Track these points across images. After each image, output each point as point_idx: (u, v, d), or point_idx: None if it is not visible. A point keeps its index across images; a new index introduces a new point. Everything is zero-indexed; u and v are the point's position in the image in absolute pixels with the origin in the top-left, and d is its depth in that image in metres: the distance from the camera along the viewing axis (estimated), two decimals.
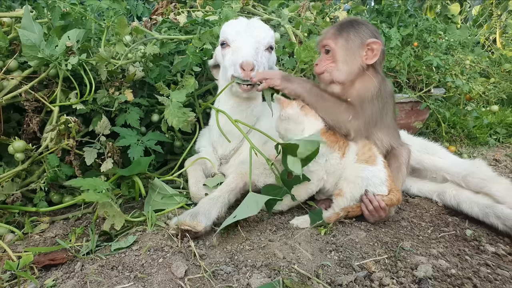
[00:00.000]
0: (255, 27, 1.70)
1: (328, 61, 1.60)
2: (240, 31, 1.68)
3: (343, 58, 1.58)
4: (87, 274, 1.16)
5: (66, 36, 1.76)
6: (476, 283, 1.12)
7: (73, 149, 1.75)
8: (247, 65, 1.53)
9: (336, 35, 1.59)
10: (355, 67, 1.58)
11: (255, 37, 1.67)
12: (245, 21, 1.74)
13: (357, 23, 1.61)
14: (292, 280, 1.11)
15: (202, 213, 1.37)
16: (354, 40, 1.56)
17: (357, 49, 1.57)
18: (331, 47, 1.59)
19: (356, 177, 1.49)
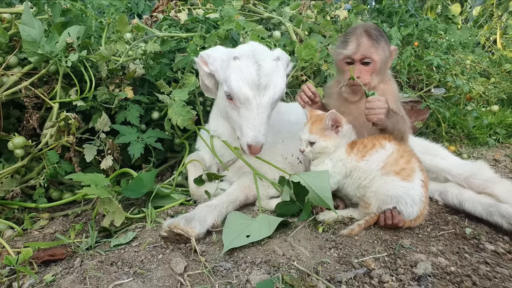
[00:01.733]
0: (267, 88, 1.44)
1: (368, 73, 1.60)
2: (249, 97, 1.42)
3: (381, 68, 1.62)
4: (87, 269, 1.16)
5: (67, 33, 1.76)
6: (475, 281, 1.12)
7: (73, 146, 1.75)
8: (255, 149, 1.44)
9: (376, 46, 1.58)
10: (384, 74, 1.66)
11: (266, 104, 1.45)
12: (255, 75, 1.42)
13: (381, 31, 1.64)
14: (292, 276, 1.11)
15: (197, 219, 1.33)
16: (387, 50, 1.62)
17: (388, 58, 1.64)
18: (374, 60, 1.58)
19: (386, 195, 1.38)
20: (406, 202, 1.37)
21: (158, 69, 1.96)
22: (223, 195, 1.51)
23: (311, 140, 1.51)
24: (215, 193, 1.60)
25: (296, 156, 1.78)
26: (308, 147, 1.53)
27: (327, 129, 1.50)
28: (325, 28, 2.43)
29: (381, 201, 1.38)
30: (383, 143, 1.46)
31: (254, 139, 1.42)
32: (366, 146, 1.48)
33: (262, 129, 1.43)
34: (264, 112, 1.45)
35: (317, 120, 1.53)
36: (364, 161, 1.45)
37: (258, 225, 1.33)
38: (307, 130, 1.53)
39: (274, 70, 1.46)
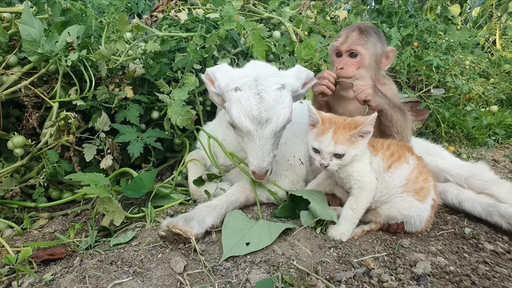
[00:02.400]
0: (268, 122, 1.39)
1: (354, 66, 1.59)
2: (251, 131, 1.39)
3: (370, 64, 1.59)
4: (86, 269, 1.16)
5: (67, 32, 1.76)
6: (474, 280, 1.12)
7: (72, 145, 1.75)
8: (259, 175, 1.45)
9: (366, 41, 1.58)
10: (375, 73, 1.63)
11: (269, 135, 1.41)
12: (256, 110, 1.38)
13: (377, 30, 1.64)
14: (291, 276, 1.11)
15: (196, 219, 1.32)
16: (380, 48, 1.60)
17: (380, 57, 1.62)
18: (361, 53, 1.57)
19: (399, 213, 1.34)
20: (414, 222, 1.37)
21: (158, 68, 1.96)
22: (224, 196, 1.51)
23: (339, 152, 1.29)
24: (215, 193, 1.60)
25: (298, 157, 1.77)
26: (334, 161, 1.31)
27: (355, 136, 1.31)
28: (324, 28, 2.43)
29: (392, 217, 1.36)
30: (407, 155, 1.38)
31: (257, 167, 1.43)
32: (393, 155, 1.37)
33: (266, 158, 1.42)
34: (267, 143, 1.42)
35: (340, 127, 1.31)
36: (389, 173, 1.35)
37: (258, 231, 1.31)
38: (329, 140, 1.29)
39: (277, 102, 1.40)
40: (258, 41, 1.81)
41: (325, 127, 1.31)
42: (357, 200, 1.35)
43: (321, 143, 1.30)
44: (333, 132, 1.29)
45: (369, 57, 1.57)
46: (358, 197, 1.35)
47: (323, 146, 1.30)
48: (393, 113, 1.53)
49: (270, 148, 1.43)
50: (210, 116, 2.13)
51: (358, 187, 1.35)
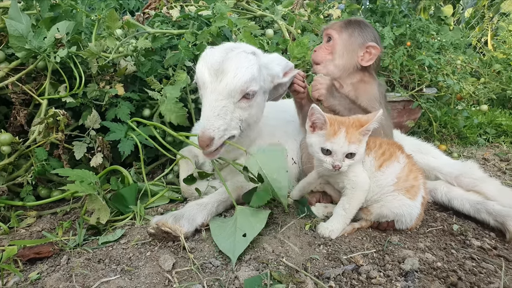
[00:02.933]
0: (224, 73, 1.34)
1: (326, 51, 1.61)
2: (206, 82, 1.36)
3: (341, 52, 1.60)
4: (73, 267, 1.15)
5: (55, 28, 1.74)
6: (461, 276, 1.13)
7: (62, 143, 1.73)
8: (202, 141, 1.32)
9: (342, 28, 1.61)
10: (349, 65, 1.61)
11: (221, 92, 1.34)
12: (217, 61, 1.36)
13: (364, 24, 1.65)
14: (280, 273, 1.10)
15: (186, 217, 1.30)
16: (357, 38, 1.59)
17: (357, 48, 1.60)
18: (334, 37, 1.61)
19: (390, 211, 1.34)
20: (405, 220, 1.37)
21: (149, 66, 1.95)
22: (215, 194, 1.49)
23: (353, 151, 1.27)
24: (206, 191, 1.59)
25: (291, 157, 1.77)
26: (346, 161, 1.28)
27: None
28: (318, 26, 2.43)
29: (384, 215, 1.36)
30: (397, 154, 1.38)
31: (201, 129, 1.33)
32: (384, 154, 1.37)
33: (214, 121, 1.32)
34: (220, 103, 1.34)
35: (349, 126, 1.29)
36: (380, 172, 1.35)
37: (245, 220, 1.30)
38: (343, 140, 1.26)
39: (239, 60, 1.37)
40: (248, 39, 1.81)
41: (335, 128, 1.28)
42: (350, 200, 1.35)
43: (335, 144, 1.27)
44: (346, 132, 1.27)
45: (341, 43, 1.58)
46: (351, 198, 1.35)
47: (336, 147, 1.27)
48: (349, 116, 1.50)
49: (223, 112, 1.34)
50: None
51: (352, 187, 1.35)
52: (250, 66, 1.39)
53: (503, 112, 3.62)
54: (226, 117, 1.36)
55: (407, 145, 1.76)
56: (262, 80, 1.48)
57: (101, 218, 1.43)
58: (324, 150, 1.30)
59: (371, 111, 1.54)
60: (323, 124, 1.30)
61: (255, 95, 1.44)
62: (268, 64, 1.51)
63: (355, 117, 1.36)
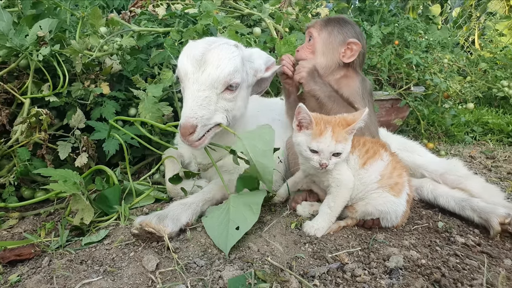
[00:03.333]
0: (207, 64, 1.35)
1: (308, 50, 1.62)
2: (188, 72, 1.36)
3: (322, 50, 1.61)
4: (54, 269, 1.13)
5: (38, 26, 1.72)
6: (444, 272, 1.13)
7: (45, 143, 1.71)
8: (184, 129, 1.30)
9: (322, 26, 1.62)
10: (331, 63, 1.61)
11: (203, 82, 1.34)
12: (200, 52, 1.37)
13: (344, 21, 1.65)
14: (265, 272, 1.10)
15: (171, 217, 1.28)
16: (336, 35, 1.60)
17: (337, 45, 1.60)
18: (314, 36, 1.62)
19: (375, 209, 1.34)
20: (390, 217, 1.37)
21: (134, 64, 1.93)
22: (200, 193, 1.48)
23: (340, 150, 1.27)
24: (192, 190, 1.57)
25: (277, 155, 1.76)
26: (332, 159, 1.28)
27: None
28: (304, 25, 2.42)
29: (369, 213, 1.36)
30: (381, 152, 1.39)
31: (183, 118, 1.31)
32: (368, 152, 1.38)
33: (197, 111, 1.31)
34: (202, 93, 1.33)
35: (336, 125, 1.28)
36: (364, 170, 1.36)
37: (237, 211, 1.29)
38: (329, 140, 1.26)
39: (222, 51, 1.37)
40: (233, 37, 1.79)
41: (321, 127, 1.28)
42: (335, 198, 1.35)
43: (321, 143, 1.27)
44: (332, 131, 1.27)
45: (321, 42, 1.59)
46: (336, 196, 1.35)
47: (323, 146, 1.27)
48: (329, 103, 1.50)
49: (206, 102, 1.33)
50: None
51: (336, 186, 1.35)
52: (233, 58, 1.39)
53: (490, 110, 3.67)
54: (209, 107, 1.35)
55: (393, 143, 1.77)
56: (245, 73, 1.48)
57: (85, 219, 1.41)
58: (311, 149, 1.30)
59: (353, 103, 1.55)
60: (309, 124, 1.30)
61: (238, 87, 1.43)
62: (250, 57, 1.52)
63: (341, 116, 1.36)
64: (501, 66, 3.24)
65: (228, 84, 1.38)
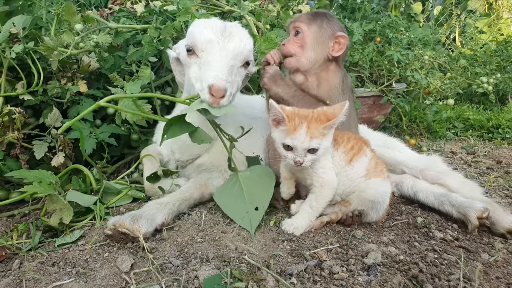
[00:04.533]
0: (232, 35, 1.37)
1: (296, 44, 1.59)
2: (213, 40, 1.35)
3: (312, 44, 1.58)
4: (25, 271, 1.09)
5: (11, 23, 1.67)
6: (422, 268, 1.14)
7: (19, 142, 1.66)
8: (218, 91, 1.24)
9: (310, 20, 1.59)
10: (320, 57, 1.59)
11: (231, 51, 1.36)
12: (220, 25, 1.39)
13: (330, 16, 1.64)
14: (241, 270, 1.08)
15: (145, 217, 1.25)
16: (326, 29, 1.58)
17: (327, 39, 1.58)
18: (303, 30, 1.58)
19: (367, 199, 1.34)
20: (379, 207, 1.38)
21: (112, 62, 1.89)
22: (177, 192, 1.45)
23: (314, 146, 1.23)
24: (170, 189, 1.55)
25: (258, 153, 1.75)
26: (308, 156, 1.25)
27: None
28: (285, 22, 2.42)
29: (361, 204, 1.36)
30: (364, 148, 1.40)
31: (215, 78, 1.25)
32: (353, 149, 1.37)
33: (227, 74, 1.28)
34: (230, 60, 1.33)
35: (312, 120, 1.25)
36: (351, 166, 1.35)
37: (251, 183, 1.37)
38: (303, 136, 1.22)
39: (241, 28, 1.43)
40: None
41: (295, 123, 1.24)
42: (317, 198, 1.34)
43: (295, 140, 1.23)
44: (307, 127, 1.22)
45: (311, 35, 1.57)
46: (318, 195, 1.34)
47: (297, 143, 1.23)
48: (295, 103, 1.49)
49: (231, 70, 1.32)
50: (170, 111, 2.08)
51: (320, 186, 1.33)
52: (250, 37, 1.46)
53: (471, 106, 3.73)
54: (232, 76, 1.34)
55: (373, 140, 1.77)
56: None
57: (64, 218, 1.37)
58: (285, 145, 1.27)
59: (324, 100, 1.53)
60: (283, 120, 1.27)
61: (249, 66, 1.48)
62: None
63: (320, 110, 1.32)
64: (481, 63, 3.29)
65: (246, 60, 1.42)
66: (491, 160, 2.44)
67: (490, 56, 3.44)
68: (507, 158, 2.46)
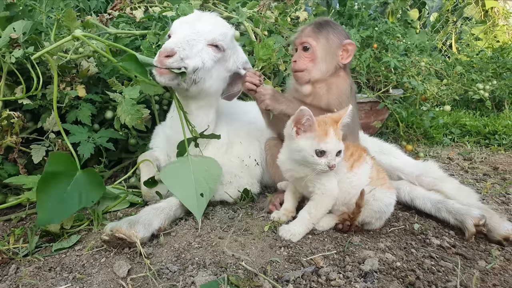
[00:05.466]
0: (202, 19, 1.51)
1: (307, 59, 1.58)
2: (184, 22, 1.50)
3: (323, 56, 1.57)
4: (21, 276, 1.09)
5: (11, 28, 1.68)
6: (419, 275, 1.14)
7: (17, 146, 1.67)
8: (163, 50, 1.33)
9: (317, 33, 1.58)
10: (332, 66, 1.59)
11: (196, 28, 1.46)
12: (198, 15, 1.56)
13: (333, 24, 1.64)
14: (238, 277, 1.09)
15: (142, 222, 1.26)
16: (333, 39, 1.58)
17: (335, 49, 1.58)
18: (312, 45, 1.56)
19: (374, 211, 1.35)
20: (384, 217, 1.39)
21: (111, 67, 1.90)
22: (174, 197, 1.45)
23: (342, 148, 1.27)
24: (167, 194, 1.55)
25: (254, 158, 1.76)
26: (337, 159, 1.26)
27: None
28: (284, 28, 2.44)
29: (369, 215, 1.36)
30: (364, 155, 1.41)
31: (167, 44, 1.37)
32: (353, 155, 1.38)
33: (183, 42, 1.37)
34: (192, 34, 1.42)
35: (331, 124, 1.28)
36: (353, 173, 1.35)
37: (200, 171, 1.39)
38: (334, 139, 1.24)
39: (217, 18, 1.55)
40: None
41: (324, 127, 1.26)
42: (317, 205, 1.35)
43: (328, 144, 1.24)
44: (333, 130, 1.25)
45: (321, 49, 1.56)
46: (318, 203, 1.35)
47: (331, 147, 1.24)
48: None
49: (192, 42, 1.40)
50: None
51: (321, 193, 1.34)
52: (227, 27, 1.56)
53: (467, 112, 3.75)
54: (192, 49, 1.40)
55: (370, 146, 1.78)
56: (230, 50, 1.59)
57: (65, 224, 1.38)
58: (318, 152, 1.25)
59: (328, 108, 1.52)
60: (311, 126, 1.26)
61: (223, 52, 1.52)
62: (236, 46, 1.65)
63: (327, 115, 1.34)
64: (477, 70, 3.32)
65: (216, 41, 1.48)
66: (488, 166, 2.45)
67: (486, 63, 3.47)
68: (504, 164, 2.47)
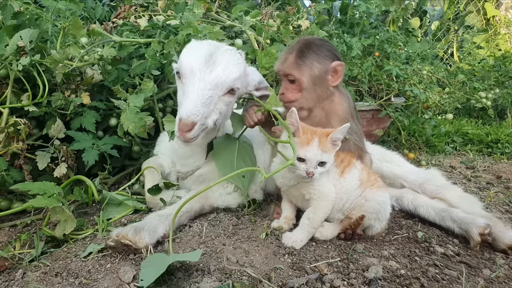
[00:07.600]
0: (215, 65, 1.38)
1: (295, 91, 1.52)
2: (194, 69, 1.36)
3: (311, 87, 1.51)
4: (28, 281, 1.10)
5: (18, 36, 1.70)
6: (423, 283, 1.14)
7: (23, 153, 1.68)
8: (185, 125, 1.30)
9: (299, 64, 1.49)
10: (322, 92, 1.54)
11: (210, 82, 1.36)
12: (208, 52, 1.40)
13: (316, 47, 1.52)
14: (243, 283, 1.09)
15: (147, 229, 1.26)
16: (319, 67, 1.50)
17: (323, 75, 1.51)
18: (296, 78, 1.50)
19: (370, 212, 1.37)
20: (382, 217, 1.40)
21: (115, 74, 1.92)
22: (178, 204, 1.46)
23: (325, 159, 1.30)
24: (171, 201, 1.56)
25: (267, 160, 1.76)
26: (318, 169, 1.30)
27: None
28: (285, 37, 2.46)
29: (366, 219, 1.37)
30: (353, 161, 1.44)
31: (185, 113, 1.30)
32: (343, 162, 1.41)
33: (200, 108, 1.31)
34: (208, 91, 1.35)
35: (321, 135, 1.31)
36: (343, 179, 1.39)
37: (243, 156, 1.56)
38: (316, 149, 1.28)
39: (231, 56, 1.42)
40: None
41: (308, 136, 1.30)
42: (315, 210, 1.36)
43: (308, 152, 1.28)
44: (319, 141, 1.29)
45: (306, 81, 1.49)
46: (316, 208, 1.36)
47: (310, 155, 1.28)
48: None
49: (209, 101, 1.35)
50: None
51: (318, 198, 1.36)
52: (239, 64, 1.44)
53: (469, 121, 3.76)
54: (210, 106, 1.37)
55: (373, 154, 1.79)
56: (242, 83, 1.50)
57: (66, 229, 1.38)
58: (298, 157, 1.29)
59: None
60: (297, 131, 1.31)
61: (238, 90, 1.47)
62: (246, 69, 1.54)
63: (325, 130, 1.36)
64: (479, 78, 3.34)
65: (231, 88, 1.42)
66: (491, 175, 2.46)
67: (488, 71, 3.49)
68: (507, 173, 2.47)
